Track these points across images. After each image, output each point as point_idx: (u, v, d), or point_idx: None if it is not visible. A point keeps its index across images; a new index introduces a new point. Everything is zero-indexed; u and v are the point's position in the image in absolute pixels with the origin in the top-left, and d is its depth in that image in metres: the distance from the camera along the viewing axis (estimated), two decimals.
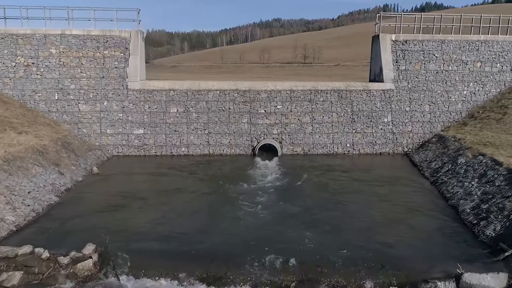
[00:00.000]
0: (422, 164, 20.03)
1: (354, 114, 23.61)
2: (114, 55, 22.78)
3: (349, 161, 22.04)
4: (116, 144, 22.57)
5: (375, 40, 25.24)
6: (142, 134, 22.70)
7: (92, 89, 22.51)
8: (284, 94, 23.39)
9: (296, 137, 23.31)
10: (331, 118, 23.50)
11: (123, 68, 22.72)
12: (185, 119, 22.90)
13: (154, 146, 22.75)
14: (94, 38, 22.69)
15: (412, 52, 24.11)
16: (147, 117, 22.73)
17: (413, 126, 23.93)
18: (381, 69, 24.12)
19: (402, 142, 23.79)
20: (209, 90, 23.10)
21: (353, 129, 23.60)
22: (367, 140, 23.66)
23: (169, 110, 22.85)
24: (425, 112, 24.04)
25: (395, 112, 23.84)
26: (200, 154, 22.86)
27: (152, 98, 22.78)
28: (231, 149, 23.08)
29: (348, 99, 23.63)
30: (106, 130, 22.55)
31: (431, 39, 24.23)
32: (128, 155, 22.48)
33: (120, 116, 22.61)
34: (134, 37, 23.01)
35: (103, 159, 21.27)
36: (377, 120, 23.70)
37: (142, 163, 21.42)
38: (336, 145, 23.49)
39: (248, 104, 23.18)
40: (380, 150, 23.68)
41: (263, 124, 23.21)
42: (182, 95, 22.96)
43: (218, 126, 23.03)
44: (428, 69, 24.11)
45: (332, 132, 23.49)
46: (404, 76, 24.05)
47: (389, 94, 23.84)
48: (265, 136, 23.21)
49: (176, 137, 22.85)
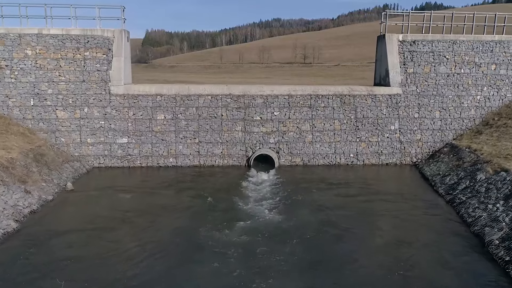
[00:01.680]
0: (435, 178, 18.05)
1: (358, 121, 21.63)
2: (96, 56, 20.79)
3: (353, 174, 20.06)
4: (97, 154, 20.59)
5: (381, 40, 23.27)
6: (126, 144, 20.72)
7: (71, 94, 20.52)
8: (281, 99, 21.41)
9: (295, 146, 21.34)
10: (333, 125, 21.52)
11: (106, 71, 20.73)
12: (173, 127, 20.92)
13: (139, 156, 20.76)
14: (74, 38, 20.69)
15: (421, 54, 22.13)
16: (131, 124, 20.74)
17: (423, 134, 21.95)
18: (387, 72, 22.16)
19: (410, 152, 21.82)
20: (199, 95, 21.12)
21: (357, 137, 21.62)
22: (372, 149, 21.69)
23: (156, 117, 20.86)
24: (436, 119, 22.07)
25: (403, 119, 21.86)
26: (189, 165, 20.88)
27: (137, 103, 20.80)
28: (223, 160, 21.10)
29: (352, 104, 21.66)
30: (87, 139, 20.56)
31: (442, 40, 22.26)
32: (110, 167, 20.50)
33: (101, 124, 20.62)
34: (118, 37, 21.03)
35: (82, 171, 19.28)
36: (383, 128, 21.72)
37: (125, 177, 19.43)
38: (338, 155, 21.51)
39: (242, 110, 21.20)
40: (386, 161, 21.70)
41: (259, 132, 21.23)
42: (170, 100, 20.98)
43: (210, 135, 21.05)
44: (438, 72, 22.14)
45: (334, 141, 21.51)
46: (412, 80, 22.07)
47: (396, 99, 21.86)
48: (261, 145, 21.23)
49: (164, 147, 20.87)
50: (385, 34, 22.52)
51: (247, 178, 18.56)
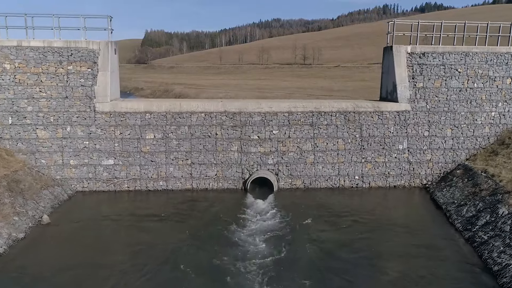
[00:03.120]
0: (449, 207, 16.45)
1: (364, 140, 20.03)
2: (80, 71, 19.17)
3: (358, 199, 18.50)
4: (80, 177, 18.98)
5: (387, 52, 21.66)
6: (112, 166, 19.11)
7: (53, 112, 18.91)
8: (281, 116, 19.80)
9: (295, 168, 19.74)
10: (336, 145, 19.92)
11: (91, 87, 19.12)
12: (163, 147, 19.32)
13: (126, 179, 19.15)
14: (56, 51, 19.07)
15: (431, 67, 20.53)
16: (118, 144, 19.13)
17: (433, 154, 20.35)
18: (395, 86, 20.55)
19: (420, 173, 20.22)
20: (192, 112, 19.50)
21: (363, 158, 20.02)
22: (379, 171, 20.09)
23: (145, 136, 19.25)
24: (447, 138, 20.46)
25: (412, 137, 20.25)
26: (181, 189, 19.27)
27: (125, 122, 19.19)
28: (218, 183, 19.49)
29: (357, 122, 20.05)
30: (69, 160, 18.95)
31: (453, 51, 20.65)
32: (95, 191, 18.90)
33: (86, 144, 19.01)
34: (104, 49, 19.41)
35: (63, 198, 17.66)
36: (390, 147, 20.12)
37: (110, 204, 17.83)
38: (342, 177, 19.91)
39: (238, 128, 19.60)
40: (394, 183, 20.10)
41: (256, 152, 19.63)
42: (160, 118, 19.36)
43: (203, 156, 19.44)
44: (449, 87, 20.53)
45: (337, 161, 19.91)
46: (422, 95, 20.47)
47: (405, 116, 20.26)
48: (258, 166, 19.63)
49: (153, 169, 19.27)
50: (393, 45, 20.92)
51: (243, 207, 16.95)
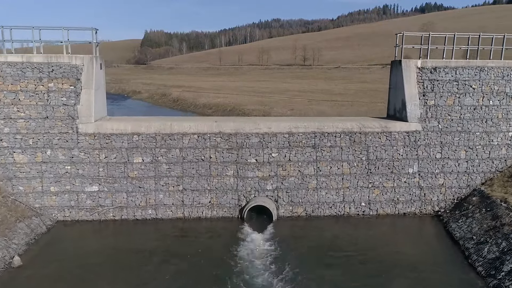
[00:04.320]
0: (467, 243, 14.85)
1: (371, 163, 18.44)
2: (61, 88, 17.58)
3: (364, 230, 16.93)
4: (62, 206, 17.39)
5: (396, 67, 20.05)
6: (97, 192, 17.52)
7: (32, 134, 17.31)
8: (280, 138, 18.20)
9: (297, 194, 18.15)
10: (341, 168, 18.33)
11: (73, 106, 17.53)
12: (152, 172, 17.72)
13: (112, 208, 17.56)
14: (36, 67, 17.46)
15: (443, 83, 18.94)
16: (103, 169, 17.54)
17: (446, 178, 18.77)
18: (404, 104, 18.96)
19: (431, 200, 18.65)
20: (184, 133, 17.91)
21: (370, 182, 18.44)
22: (388, 197, 18.51)
23: (132, 160, 17.66)
24: (461, 160, 18.89)
25: (423, 160, 18.67)
26: (171, 217, 17.69)
27: (110, 144, 17.59)
28: (212, 211, 17.90)
29: (363, 143, 18.46)
30: (50, 187, 17.36)
31: (467, 66, 19.06)
32: (77, 221, 17.32)
33: (68, 169, 17.42)
34: (88, 65, 17.81)
35: (41, 231, 16.06)
36: (399, 171, 18.54)
37: (94, 236, 16.30)
38: (347, 204, 18.33)
39: (234, 151, 18.00)
40: (404, 210, 18.53)
41: (254, 177, 18.04)
42: (149, 140, 17.77)
43: (196, 181, 17.85)
44: (463, 104, 18.95)
45: (342, 187, 18.32)
46: (433, 114, 18.88)
47: (415, 137, 18.67)
48: (256, 193, 18.04)
49: (141, 196, 17.67)
50: (401, 59, 19.33)
51: (237, 242, 15.40)
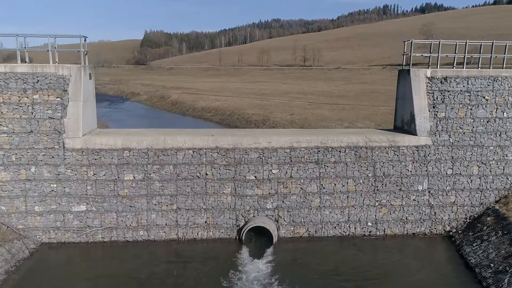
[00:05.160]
0: (484, 272, 13.69)
1: (378, 180, 17.29)
2: (47, 100, 16.42)
3: (370, 253, 15.81)
4: (47, 227, 16.24)
5: (404, 76, 18.89)
6: (84, 212, 16.37)
7: (15, 149, 16.16)
8: (281, 153, 17.04)
9: (299, 213, 17.00)
10: (346, 186, 17.18)
11: (60, 119, 16.37)
12: (144, 190, 16.57)
13: (100, 229, 16.40)
14: (19, 77, 16.30)
15: (454, 94, 17.78)
16: (91, 187, 16.38)
17: (458, 195, 17.62)
18: (413, 116, 17.80)
19: (442, 219, 17.51)
20: (178, 149, 16.74)
21: (376, 201, 17.29)
22: (396, 216, 17.36)
23: (123, 177, 16.50)
24: (473, 176, 17.73)
25: (433, 176, 17.52)
26: (165, 239, 16.55)
27: (99, 160, 16.43)
28: (208, 232, 16.75)
29: (369, 159, 17.30)
30: (34, 207, 16.20)
31: (479, 76, 17.90)
32: (63, 243, 16.17)
33: (53, 187, 16.26)
34: (75, 75, 16.65)
35: (23, 255, 14.91)
36: (408, 188, 17.39)
37: (80, 260, 15.18)
38: (353, 224, 17.18)
39: (232, 168, 16.85)
40: (413, 230, 17.39)
41: (253, 195, 16.89)
42: (141, 156, 16.60)
43: (191, 200, 16.70)
44: (475, 117, 17.79)
45: (347, 205, 17.17)
46: (444, 127, 17.72)
47: (425, 152, 17.51)
48: (255, 212, 16.89)
49: (132, 216, 16.52)
50: (410, 68, 18.17)
51: (236, 265, 14.32)
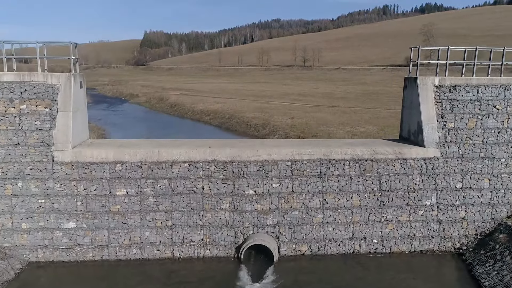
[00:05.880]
0: None
1: (384, 194, 16.42)
2: (35, 110, 15.56)
3: (375, 273, 14.97)
4: (34, 245, 15.37)
5: (410, 84, 18.02)
6: (74, 230, 15.50)
7: (1, 163, 15.28)
8: (282, 166, 16.17)
9: (300, 230, 16.13)
10: (350, 201, 16.31)
11: (48, 131, 15.50)
12: (137, 206, 15.70)
13: (91, 247, 15.53)
14: (6, 86, 15.43)
15: (463, 103, 16.92)
16: (81, 203, 15.51)
17: (468, 210, 16.76)
18: (421, 127, 16.93)
19: (452, 235, 16.65)
20: (173, 162, 15.86)
21: (382, 216, 16.43)
22: (403, 232, 16.50)
23: (115, 192, 15.62)
24: (484, 190, 16.87)
25: (442, 190, 16.65)
26: (159, 258, 15.68)
27: (90, 174, 15.55)
28: (205, 250, 15.88)
29: (375, 172, 16.43)
30: (21, 224, 15.34)
31: (490, 84, 17.04)
32: (52, 262, 15.31)
33: (41, 203, 15.39)
34: (65, 84, 15.79)
35: (7, 277, 14.02)
36: (416, 203, 16.53)
37: (70, 280, 14.41)
38: (358, 241, 16.32)
39: (230, 182, 15.98)
40: (421, 247, 16.53)
41: (253, 211, 16.02)
42: (134, 169, 15.73)
43: (187, 216, 15.83)
44: (486, 127, 16.92)
45: (352, 221, 16.31)
46: (453, 138, 16.86)
47: (433, 165, 16.64)
48: (255, 229, 16.02)
49: (125, 233, 15.65)
50: (417, 76, 17.30)
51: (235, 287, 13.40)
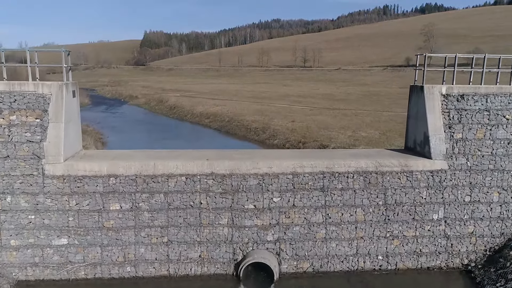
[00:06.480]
0: None
1: (389, 208, 15.75)
2: (25, 122, 14.88)
3: None
4: (24, 263, 14.68)
5: (416, 93, 17.34)
6: (66, 247, 14.82)
7: None
8: (283, 179, 15.49)
9: (302, 246, 15.46)
10: (354, 215, 15.64)
11: (39, 142, 14.83)
12: (132, 221, 15.03)
13: (83, 264, 14.85)
14: None
15: (471, 113, 16.26)
16: (73, 219, 14.83)
17: (476, 225, 16.10)
18: (427, 137, 16.27)
19: (460, 251, 15.98)
20: (169, 175, 15.19)
21: (388, 231, 15.76)
22: (409, 248, 15.83)
23: (108, 207, 14.95)
24: (494, 204, 16.21)
25: (449, 204, 15.99)
26: (154, 275, 15.00)
27: (82, 189, 14.88)
28: (202, 268, 15.21)
29: (380, 185, 15.76)
30: (9, 241, 14.66)
31: (499, 93, 16.39)
32: (42, 280, 14.61)
33: (31, 219, 14.72)
34: (57, 94, 15.12)
35: None
36: (422, 218, 15.86)
37: None
38: (362, 257, 15.64)
39: (229, 196, 15.30)
40: (427, 264, 15.85)
41: (252, 226, 15.35)
42: (129, 183, 15.04)
43: (183, 232, 15.16)
44: (495, 138, 16.27)
45: (356, 237, 15.64)
46: (461, 149, 16.19)
47: (440, 177, 15.97)
48: (255, 245, 15.35)
49: (118, 250, 14.97)
50: (423, 85, 16.64)
51: None
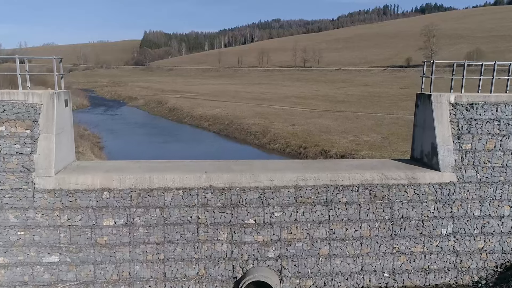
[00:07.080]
0: None
1: (395, 223, 15.07)
2: (15, 133, 14.20)
3: None
4: (13, 281, 13.99)
5: (423, 102, 16.65)
6: (57, 264, 14.12)
7: None
8: (285, 193, 14.79)
9: (305, 263, 14.77)
10: (359, 231, 14.96)
11: (29, 155, 14.14)
12: (126, 237, 14.33)
13: (76, 283, 14.15)
14: None
15: (481, 122, 15.58)
16: (65, 235, 14.13)
17: (487, 241, 15.42)
18: (435, 148, 15.59)
19: (469, 268, 15.29)
20: (166, 188, 14.49)
21: (394, 247, 15.07)
22: (416, 264, 15.14)
23: (102, 222, 14.25)
24: (505, 218, 15.54)
25: (459, 218, 15.31)
26: None
27: (74, 203, 14.18)
28: (200, 286, 14.50)
29: (386, 199, 15.07)
30: None
31: (510, 101, 15.72)
32: None
33: (21, 235, 14.02)
34: (47, 103, 14.43)
35: None
36: (430, 233, 15.18)
37: None
38: (367, 275, 14.95)
39: (228, 210, 14.61)
40: (436, 281, 15.18)
41: (253, 242, 14.65)
42: (123, 197, 14.35)
43: (180, 248, 14.47)
44: (506, 149, 15.60)
45: (361, 253, 14.95)
46: (470, 161, 15.52)
47: (449, 190, 15.29)
48: (255, 262, 14.65)
49: (112, 268, 14.28)
50: (431, 93, 15.96)
51: None
